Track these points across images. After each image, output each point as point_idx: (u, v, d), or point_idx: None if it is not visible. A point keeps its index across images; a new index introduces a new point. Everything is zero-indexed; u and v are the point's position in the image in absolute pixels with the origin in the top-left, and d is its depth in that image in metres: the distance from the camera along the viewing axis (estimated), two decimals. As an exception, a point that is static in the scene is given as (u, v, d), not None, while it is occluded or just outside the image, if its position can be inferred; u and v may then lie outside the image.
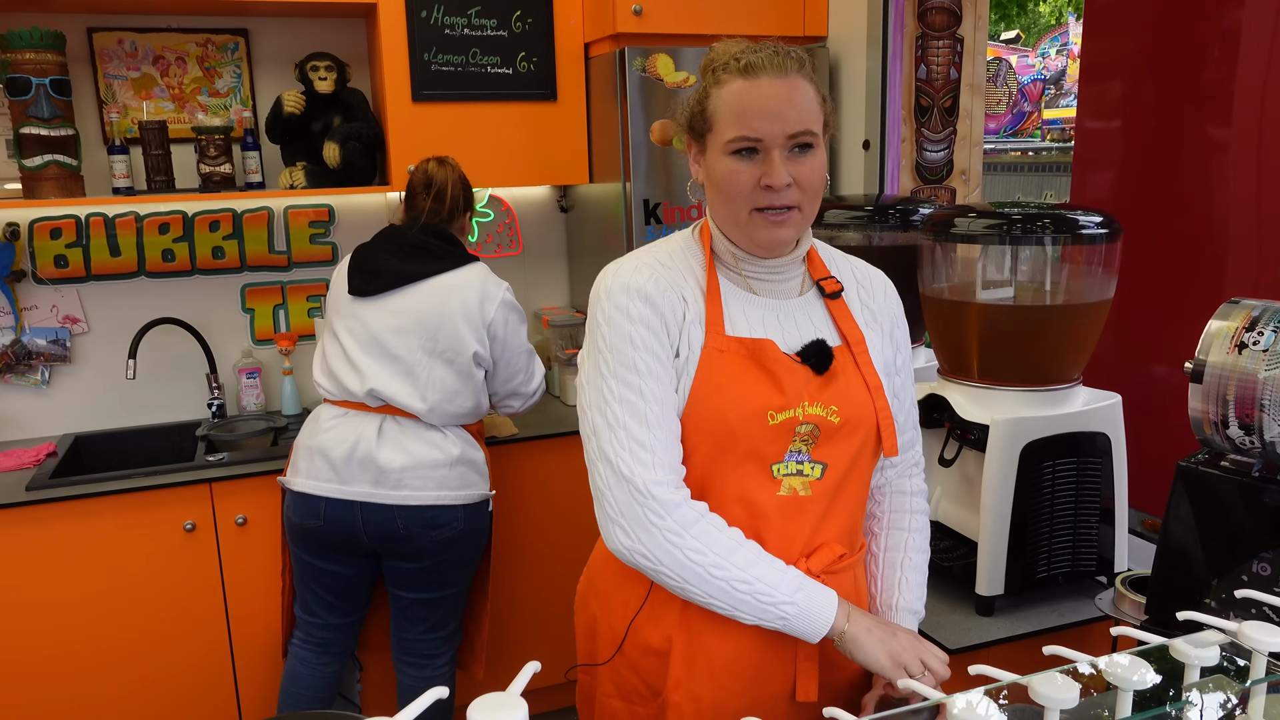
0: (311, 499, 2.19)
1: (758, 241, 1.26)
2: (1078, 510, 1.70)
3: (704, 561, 1.19)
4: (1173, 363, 1.99)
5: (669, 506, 1.19)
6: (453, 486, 2.24)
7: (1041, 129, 11.16)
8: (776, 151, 1.20)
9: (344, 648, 2.41)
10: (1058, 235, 1.64)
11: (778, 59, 1.20)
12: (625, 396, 1.22)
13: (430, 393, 2.21)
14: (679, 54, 2.63)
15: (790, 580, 1.21)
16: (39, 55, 2.47)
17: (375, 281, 2.23)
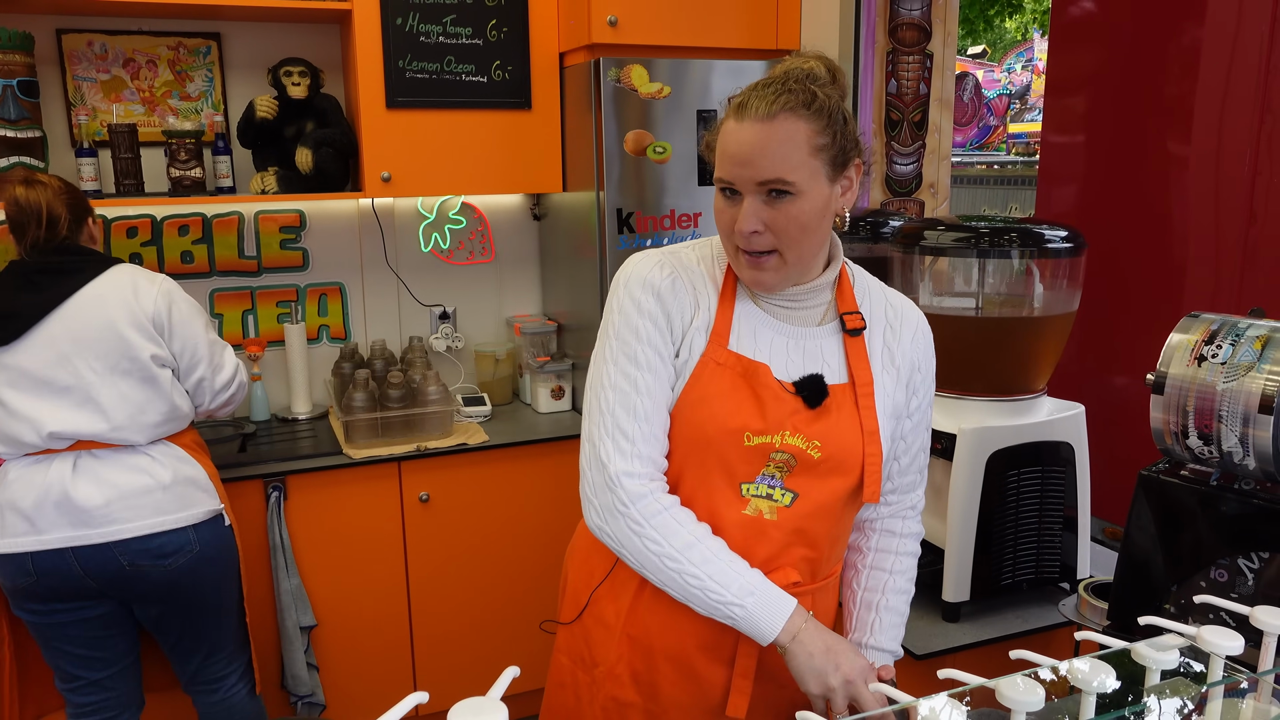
0: (15, 558, 1.99)
1: (743, 279, 1.28)
2: (1042, 518, 1.74)
3: (660, 552, 1.23)
4: (1133, 373, 2.04)
5: (634, 497, 1.23)
6: (171, 510, 2.07)
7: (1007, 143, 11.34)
8: (750, 198, 1.19)
9: (125, 703, 2.19)
10: (1024, 248, 1.67)
11: (771, 99, 1.16)
12: (620, 385, 1.26)
13: (115, 412, 2.03)
14: (653, 65, 2.65)
15: (744, 583, 1.22)
16: (6, 56, 2.44)
17: (12, 324, 2.00)
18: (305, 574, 2.61)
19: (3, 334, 2.01)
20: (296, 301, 3.07)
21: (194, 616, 2.17)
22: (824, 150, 1.18)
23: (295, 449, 2.71)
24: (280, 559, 2.56)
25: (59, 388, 2.01)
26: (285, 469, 2.57)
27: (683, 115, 2.71)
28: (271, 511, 2.54)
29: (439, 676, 2.82)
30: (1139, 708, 0.91)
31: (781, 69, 1.23)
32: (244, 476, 2.50)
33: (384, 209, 3.09)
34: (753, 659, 1.32)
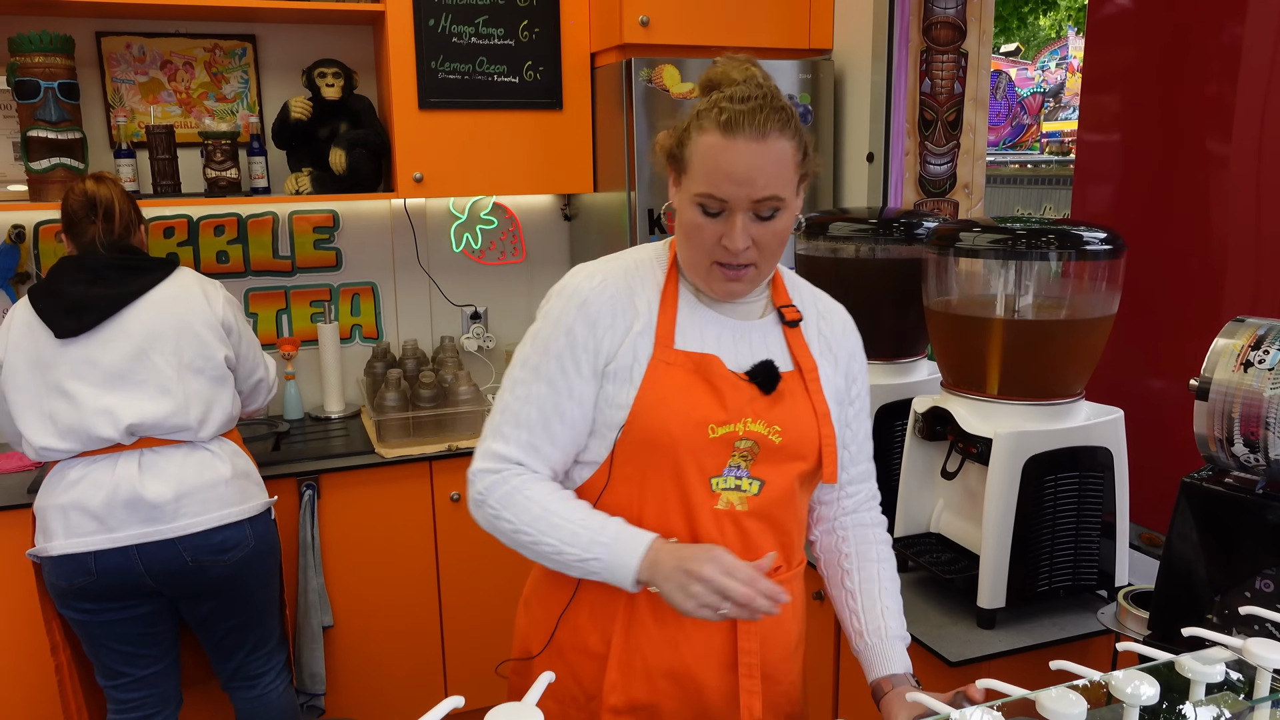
0: (77, 558, 2.00)
1: (712, 291, 1.29)
2: (1079, 524, 1.71)
3: (517, 530, 1.26)
4: (1170, 377, 2.01)
5: (488, 487, 1.28)
6: (233, 503, 2.12)
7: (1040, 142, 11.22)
8: (740, 215, 1.19)
9: (165, 700, 2.21)
10: (1062, 251, 1.65)
11: (759, 118, 1.17)
12: (517, 391, 1.30)
13: (192, 408, 2.08)
14: (685, 65, 2.65)
15: (593, 536, 1.22)
16: (48, 59, 2.47)
17: (86, 316, 2.02)
18: (329, 574, 2.63)
19: (76, 325, 2.02)
20: (330, 301, 3.09)
21: (243, 612, 2.20)
22: (800, 165, 1.23)
23: (328, 448, 2.73)
24: (309, 558, 2.58)
25: (135, 381, 2.04)
26: (318, 468, 2.59)
27: (714, 115, 2.69)
28: (304, 510, 2.57)
29: (470, 678, 2.83)
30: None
31: (726, 73, 1.23)
32: (278, 475, 2.52)
33: (416, 209, 3.11)
34: (756, 656, 1.32)
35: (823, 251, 2.08)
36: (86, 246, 2.11)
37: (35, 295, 2.06)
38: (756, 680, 1.32)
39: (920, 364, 2.09)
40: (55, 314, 2.02)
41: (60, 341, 2.02)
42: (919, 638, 1.66)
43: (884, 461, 2.00)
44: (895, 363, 2.05)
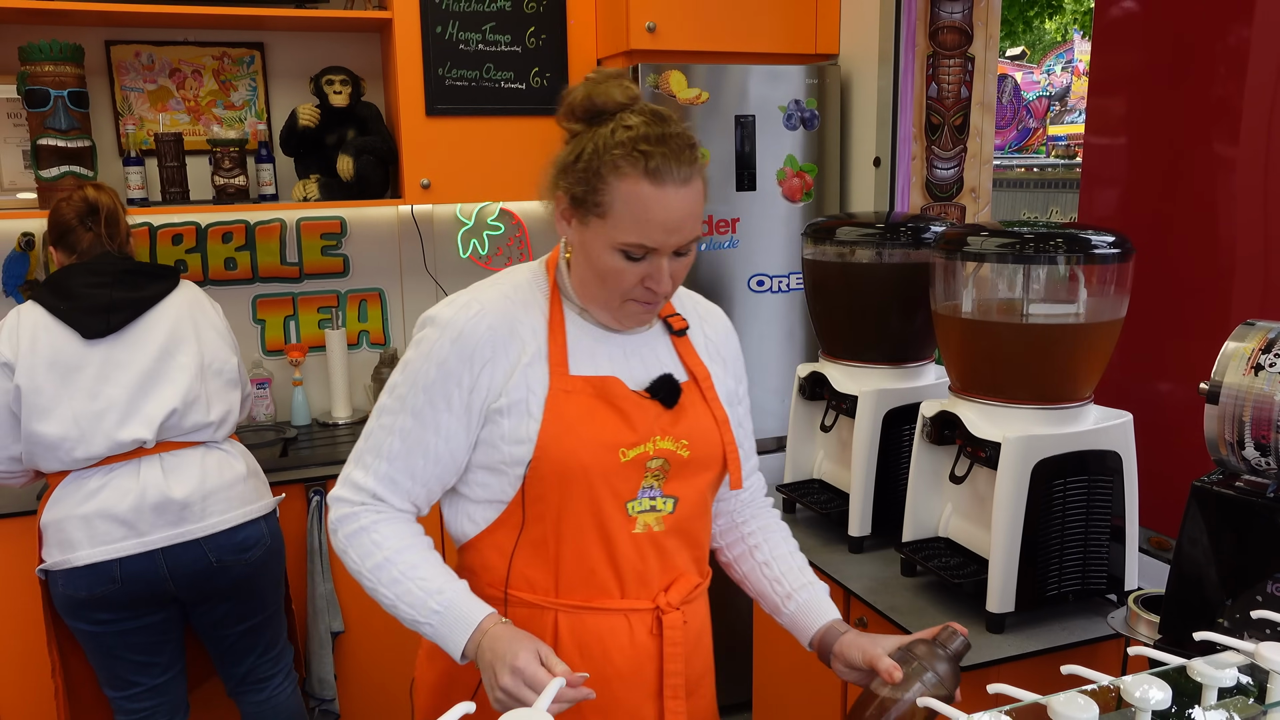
0: (102, 566, 1.99)
1: (622, 326, 1.28)
2: (1088, 528, 1.71)
3: (359, 571, 1.25)
4: (1177, 380, 2.00)
5: (340, 519, 1.26)
6: (251, 500, 2.15)
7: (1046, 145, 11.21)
8: (665, 260, 1.19)
9: (174, 709, 2.21)
10: (1071, 255, 1.65)
11: (682, 166, 1.15)
12: (383, 420, 1.26)
13: (214, 407, 2.13)
14: (691, 70, 2.65)
15: (430, 603, 1.21)
16: (57, 68, 2.49)
17: (116, 316, 2.03)
18: (338, 580, 2.64)
19: (104, 326, 2.02)
20: (337, 307, 3.10)
21: (257, 612, 2.22)
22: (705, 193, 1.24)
23: (335, 453, 2.73)
24: (318, 563, 2.58)
25: (168, 380, 2.07)
26: (326, 473, 2.59)
27: (721, 120, 2.70)
28: (312, 515, 2.57)
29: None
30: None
31: (609, 96, 1.19)
32: (286, 480, 2.53)
33: (423, 216, 3.11)
34: (681, 676, 1.31)
35: (830, 256, 2.08)
36: (87, 254, 2.09)
37: (45, 299, 2.04)
38: (682, 700, 1.31)
39: (928, 368, 2.09)
40: (80, 315, 2.01)
41: (87, 344, 2.02)
42: (928, 642, 1.65)
43: (891, 466, 2.01)
44: (902, 367, 2.05)
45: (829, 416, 2.14)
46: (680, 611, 1.31)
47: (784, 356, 2.89)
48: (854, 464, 2.00)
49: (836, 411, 2.11)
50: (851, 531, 2.02)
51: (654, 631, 1.30)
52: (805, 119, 2.78)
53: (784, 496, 2.24)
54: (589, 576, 1.26)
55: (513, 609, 1.27)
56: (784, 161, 2.79)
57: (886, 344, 2.05)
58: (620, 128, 1.16)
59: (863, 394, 1.98)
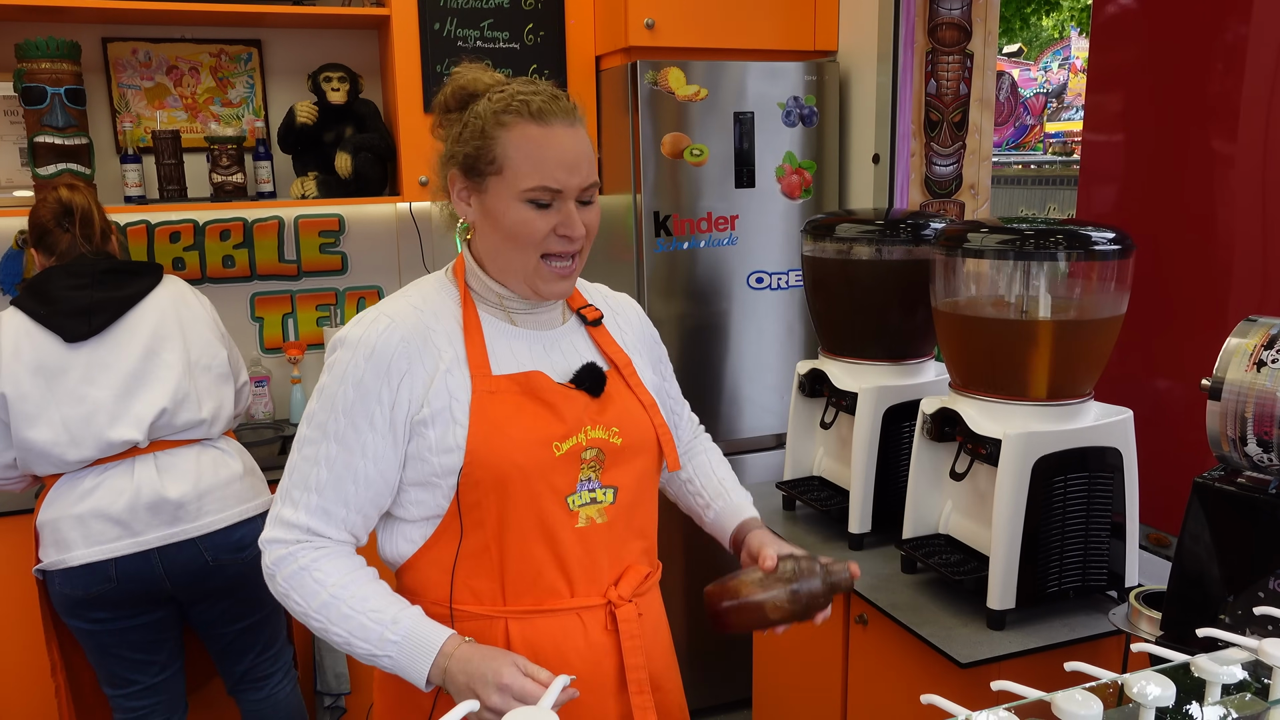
0: (97, 566, 1.98)
1: (541, 293, 1.25)
2: (1089, 525, 1.71)
3: (305, 613, 1.20)
4: (1176, 377, 2.00)
5: (277, 561, 1.21)
6: (248, 498, 2.13)
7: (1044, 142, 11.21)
8: (572, 203, 1.20)
9: (172, 707, 2.20)
10: (1071, 251, 1.65)
11: (563, 104, 1.20)
12: (305, 452, 1.22)
13: (205, 404, 2.10)
14: (690, 67, 2.65)
15: (383, 634, 1.18)
16: (54, 65, 2.48)
17: (97, 318, 2.01)
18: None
19: (88, 328, 2.00)
20: (335, 305, 3.09)
21: (255, 611, 2.21)
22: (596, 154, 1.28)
23: (334, 451, 2.72)
24: (320, 561, 2.58)
25: (150, 380, 2.04)
26: (325, 471, 2.59)
27: (719, 117, 2.70)
28: (311, 514, 2.57)
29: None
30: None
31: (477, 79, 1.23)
32: (283, 479, 2.52)
33: (421, 213, 3.11)
34: (643, 671, 1.29)
35: (829, 253, 2.08)
36: (65, 255, 2.07)
37: (26, 304, 2.02)
38: (648, 695, 1.30)
39: (928, 365, 2.09)
40: (60, 319, 1.99)
41: (69, 347, 2.00)
42: (928, 639, 1.65)
43: (891, 463, 2.01)
44: (902, 364, 2.05)
45: (829, 413, 2.14)
46: (634, 604, 1.30)
47: (783, 353, 2.88)
48: (854, 461, 2.00)
49: (836, 408, 2.11)
50: (851, 528, 2.02)
51: (609, 628, 1.28)
52: (804, 116, 2.78)
53: (783, 494, 2.24)
54: (536, 579, 1.24)
55: (460, 623, 1.24)
56: (783, 158, 2.78)
57: (886, 341, 2.05)
58: (495, 94, 1.21)
59: (863, 391, 1.98)
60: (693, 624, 2.91)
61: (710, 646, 2.91)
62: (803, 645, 2.15)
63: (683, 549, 2.88)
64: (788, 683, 2.25)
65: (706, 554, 2.92)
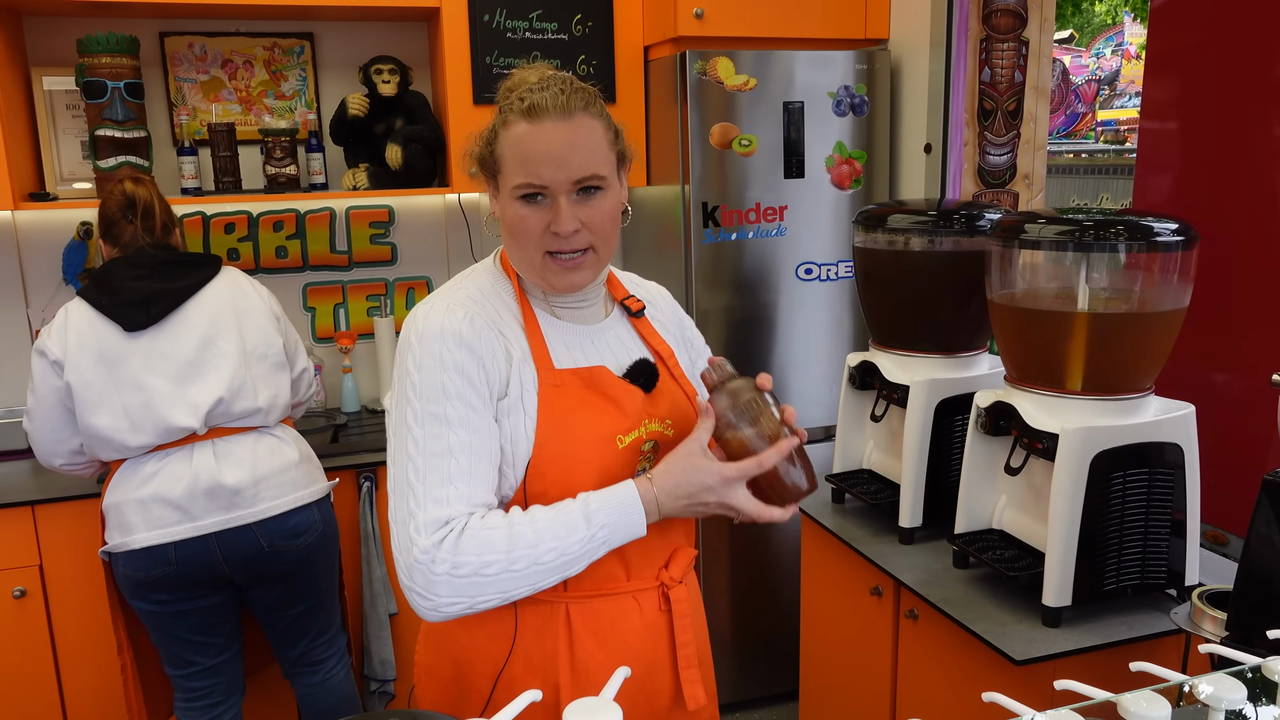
0: (158, 549, 2.03)
1: (553, 285, 1.25)
2: (1148, 522, 1.67)
3: (504, 569, 1.12)
4: (1235, 372, 1.95)
5: (436, 560, 1.12)
6: (304, 485, 2.17)
7: (1095, 130, 10.98)
8: (563, 198, 1.18)
9: (231, 688, 2.26)
10: (1133, 242, 1.61)
11: (562, 98, 1.17)
12: (429, 449, 1.16)
13: (261, 392, 2.14)
14: (739, 57, 2.63)
15: (579, 517, 1.15)
16: (114, 60, 2.53)
17: (155, 307, 2.06)
18: (390, 563, 2.67)
19: (146, 317, 2.06)
20: (385, 295, 3.13)
21: (309, 597, 2.25)
22: (614, 145, 1.23)
23: (384, 440, 2.74)
24: (371, 547, 2.62)
25: (207, 369, 2.09)
26: (376, 459, 2.62)
27: (769, 107, 2.68)
28: (364, 501, 2.60)
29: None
30: None
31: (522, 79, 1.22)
32: (337, 466, 2.56)
33: (470, 204, 3.13)
34: (692, 646, 1.32)
35: (881, 244, 2.06)
36: (128, 247, 2.14)
37: (90, 294, 2.09)
38: (696, 669, 1.33)
39: (981, 357, 2.06)
40: (121, 309, 2.06)
41: (129, 336, 2.06)
42: (981, 635, 1.64)
43: (943, 457, 1.98)
44: (955, 356, 2.02)
45: (879, 406, 2.12)
46: (684, 585, 1.34)
47: (832, 346, 2.86)
48: (905, 454, 1.98)
49: (887, 401, 2.09)
50: (902, 523, 2.00)
51: (661, 608, 1.32)
52: (855, 105, 2.75)
53: (833, 486, 2.23)
54: (595, 565, 1.24)
55: (521, 608, 1.26)
56: (833, 148, 2.76)
57: (939, 333, 2.03)
58: (510, 95, 1.21)
59: (914, 384, 1.96)
60: (738, 617, 2.91)
61: (756, 639, 2.90)
62: (851, 638, 2.14)
63: (727, 545, 2.87)
64: (835, 676, 2.24)
65: (751, 550, 2.92)
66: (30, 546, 2.40)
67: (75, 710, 2.49)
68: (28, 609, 2.41)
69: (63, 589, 2.43)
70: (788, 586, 2.91)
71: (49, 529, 2.40)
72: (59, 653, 2.45)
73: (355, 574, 2.64)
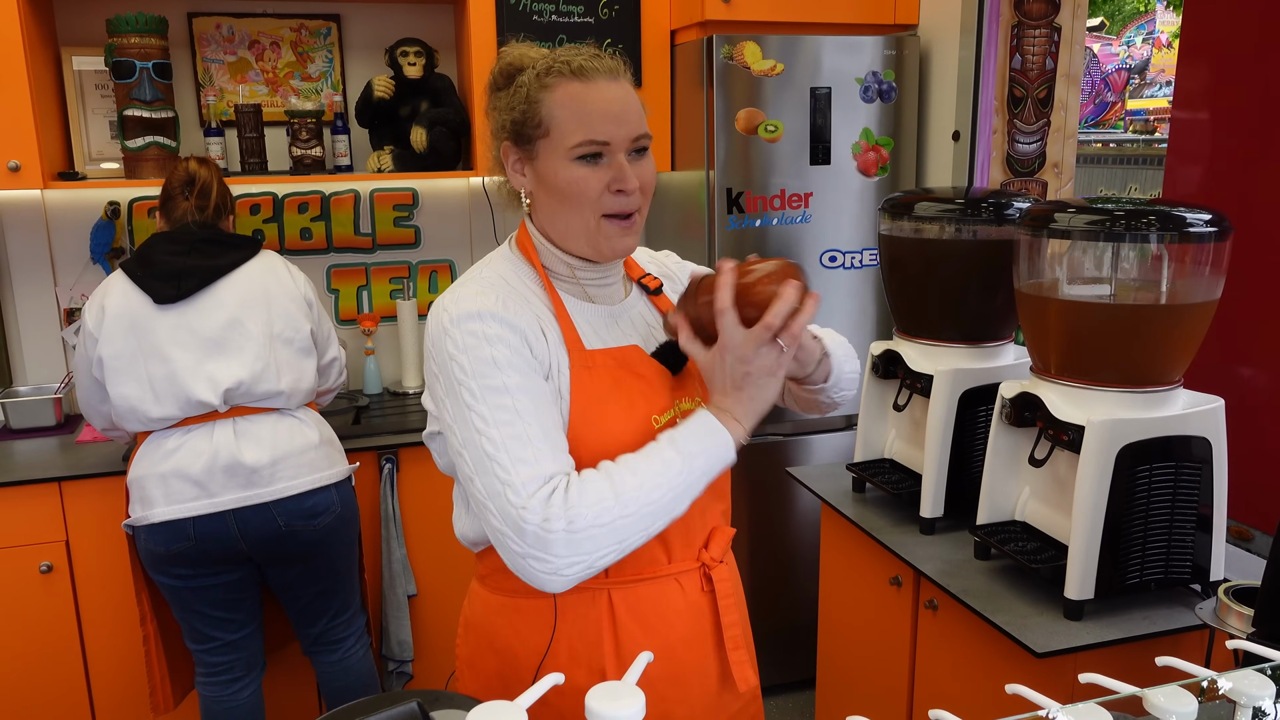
0: (177, 524, 2.07)
1: (604, 252, 1.22)
2: (1173, 516, 1.66)
3: (616, 516, 1.08)
4: (1263, 365, 1.93)
5: (544, 520, 1.07)
6: (322, 467, 2.19)
7: (1125, 120, 10.83)
8: (622, 155, 1.18)
9: (251, 664, 2.28)
10: (1164, 233, 1.59)
11: (608, 62, 1.19)
12: (500, 420, 1.11)
13: (284, 374, 2.15)
14: (766, 41, 2.61)
15: (673, 452, 1.12)
16: (143, 40, 2.54)
17: (186, 283, 2.10)
18: (410, 545, 2.68)
19: (176, 292, 2.10)
20: (408, 278, 3.14)
21: (328, 576, 2.27)
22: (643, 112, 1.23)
23: (406, 422, 2.77)
24: (391, 529, 2.63)
25: (233, 347, 2.11)
26: (397, 441, 2.64)
27: (795, 92, 2.66)
28: (385, 482, 2.62)
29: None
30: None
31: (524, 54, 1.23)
32: (358, 448, 2.58)
33: (494, 188, 3.12)
34: (738, 627, 1.32)
35: (907, 232, 2.04)
36: (177, 223, 2.19)
37: (130, 266, 2.14)
38: (743, 650, 1.33)
39: (1006, 348, 2.05)
40: (153, 281, 2.10)
41: (159, 308, 2.10)
42: (1002, 627, 1.63)
43: (965, 447, 1.97)
44: (980, 346, 2.01)
45: (902, 395, 2.11)
46: (724, 564, 1.33)
47: (856, 334, 2.85)
48: (928, 444, 1.96)
49: (910, 390, 2.07)
50: (923, 513, 1.99)
51: (704, 589, 1.31)
52: (882, 91, 2.72)
53: (854, 475, 2.22)
54: (635, 550, 1.22)
55: (562, 597, 1.25)
56: (859, 135, 2.74)
57: (964, 322, 2.01)
58: (539, 62, 1.21)
59: (938, 373, 1.94)
60: (757, 604, 2.90)
61: (774, 626, 2.90)
62: (870, 628, 2.14)
63: (746, 533, 2.87)
64: (853, 665, 2.24)
65: (770, 538, 2.92)
66: (57, 522, 2.43)
67: (100, 683, 2.53)
68: (54, 584, 2.44)
69: (88, 564, 2.46)
70: (806, 575, 2.91)
71: (75, 505, 2.43)
72: (84, 627, 2.49)
73: (375, 555, 2.66)
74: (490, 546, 1.30)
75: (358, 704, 1.05)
